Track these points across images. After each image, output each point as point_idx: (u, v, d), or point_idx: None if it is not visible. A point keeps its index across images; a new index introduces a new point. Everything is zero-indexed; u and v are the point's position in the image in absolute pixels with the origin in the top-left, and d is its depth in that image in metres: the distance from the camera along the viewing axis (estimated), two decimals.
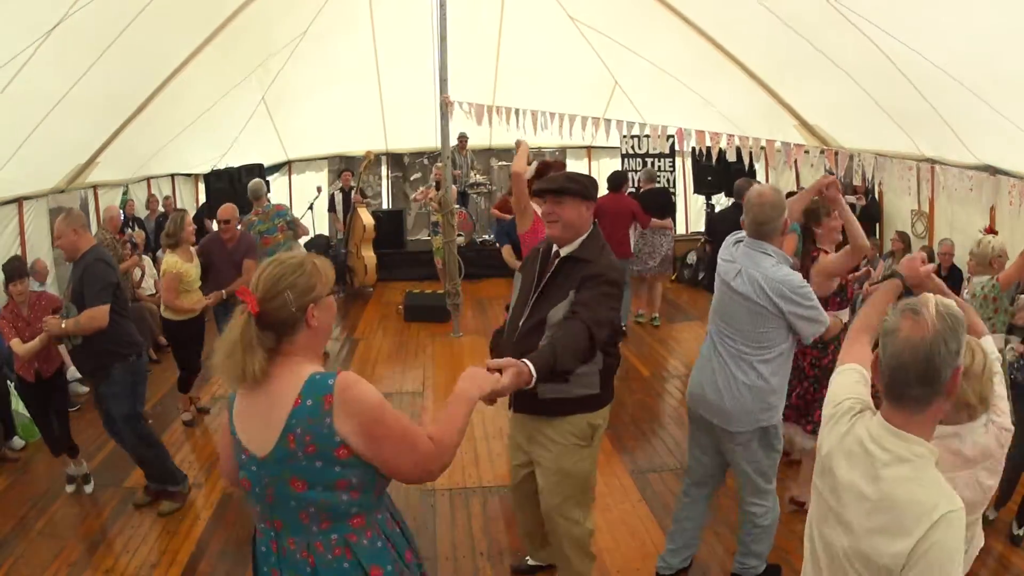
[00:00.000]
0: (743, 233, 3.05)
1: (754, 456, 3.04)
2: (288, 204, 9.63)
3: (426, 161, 11.26)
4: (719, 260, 3.11)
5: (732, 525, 3.81)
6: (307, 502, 1.59)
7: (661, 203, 7.54)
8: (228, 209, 5.40)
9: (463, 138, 10.04)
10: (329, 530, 1.62)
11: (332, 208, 10.17)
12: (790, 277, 2.87)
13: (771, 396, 2.97)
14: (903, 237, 6.86)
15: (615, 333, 2.77)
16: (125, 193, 8.66)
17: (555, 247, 2.75)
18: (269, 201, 6.60)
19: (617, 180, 6.95)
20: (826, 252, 3.72)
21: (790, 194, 4.69)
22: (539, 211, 3.85)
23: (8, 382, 4.93)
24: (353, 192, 9.45)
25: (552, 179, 2.78)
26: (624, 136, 9.55)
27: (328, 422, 1.55)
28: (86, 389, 5.55)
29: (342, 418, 1.56)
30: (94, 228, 7.24)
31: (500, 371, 2.05)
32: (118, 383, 3.76)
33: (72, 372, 5.10)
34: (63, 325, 3.66)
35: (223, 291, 5.16)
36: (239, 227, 5.57)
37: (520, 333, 2.71)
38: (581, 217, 2.68)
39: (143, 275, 7.13)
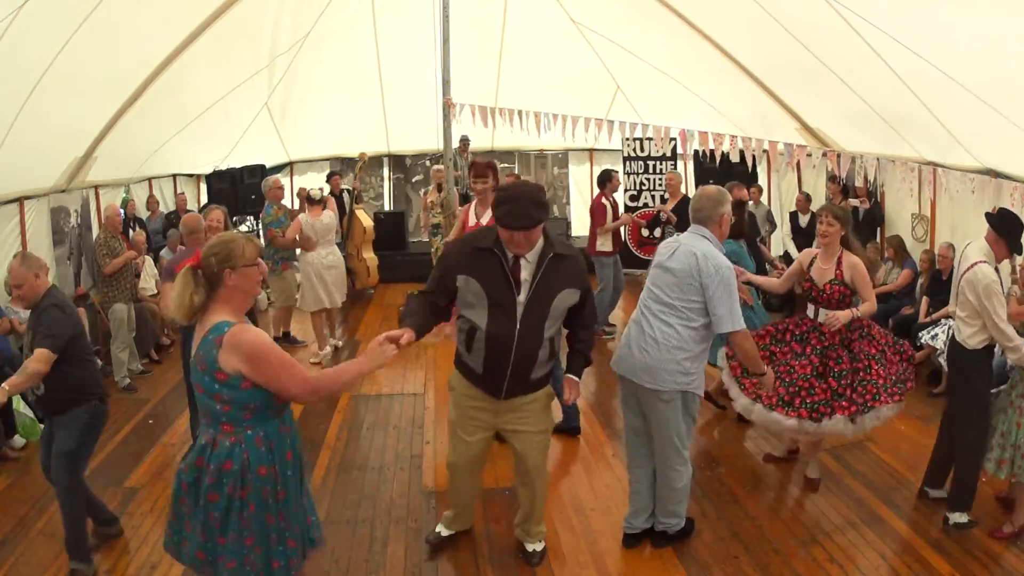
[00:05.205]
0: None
1: (676, 420, 3.33)
2: (289, 205, 9.60)
3: (428, 163, 11.26)
4: (657, 251, 3.49)
5: (733, 530, 3.80)
6: (202, 403, 2.39)
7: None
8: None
9: (465, 141, 10.03)
10: (208, 426, 2.41)
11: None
12: (720, 259, 3.21)
13: (687, 361, 3.25)
14: (890, 241, 6.81)
15: None
16: (126, 193, 8.66)
17: (511, 253, 2.97)
18: (272, 201, 6.99)
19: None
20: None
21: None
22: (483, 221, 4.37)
23: None
24: (354, 193, 9.45)
25: (523, 214, 2.84)
26: (626, 138, 9.55)
27: (215, 353, 2.29)
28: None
29: (227, 354, 2.27)
30: (95, 228, 7.25)
31: (397, 342, 2.58)
32: (75, 418, 3.49)
33: None
34: (5, 388, 3.24)
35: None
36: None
37: (523, 330, 3.02)
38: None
39: (139, 270, 7.11)
